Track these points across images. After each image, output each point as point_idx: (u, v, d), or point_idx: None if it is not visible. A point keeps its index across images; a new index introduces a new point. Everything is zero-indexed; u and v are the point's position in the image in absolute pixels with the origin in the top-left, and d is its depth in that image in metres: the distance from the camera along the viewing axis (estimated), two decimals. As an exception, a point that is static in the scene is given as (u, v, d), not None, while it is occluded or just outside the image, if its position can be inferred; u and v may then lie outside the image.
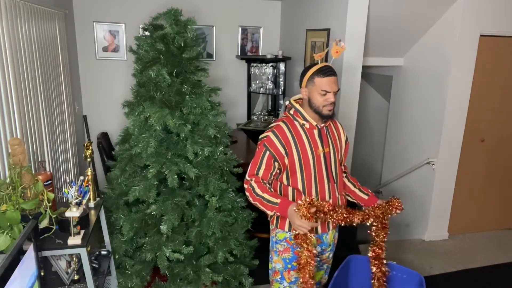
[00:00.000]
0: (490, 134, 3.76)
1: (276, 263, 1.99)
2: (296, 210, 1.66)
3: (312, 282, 1.72)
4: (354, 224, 1.79)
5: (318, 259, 2.03)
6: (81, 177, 1.89)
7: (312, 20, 3.78)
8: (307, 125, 1.88)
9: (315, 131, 1.89)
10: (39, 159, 2.64)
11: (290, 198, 1.91)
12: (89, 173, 2.12)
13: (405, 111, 4.06)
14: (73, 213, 1.71)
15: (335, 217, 1.73)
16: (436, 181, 3.66)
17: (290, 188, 1.90)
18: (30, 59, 2.61)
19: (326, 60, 2.35)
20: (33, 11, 2.70)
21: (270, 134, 1.85)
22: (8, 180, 1.78)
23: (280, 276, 1.98)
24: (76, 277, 2.03)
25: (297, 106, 1.91)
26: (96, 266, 2.16)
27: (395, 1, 3.21)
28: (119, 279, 2.39)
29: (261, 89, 4.53)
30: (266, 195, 1.79)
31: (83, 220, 1.85)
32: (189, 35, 2.40)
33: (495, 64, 3.56)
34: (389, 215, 1.89)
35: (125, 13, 4.17)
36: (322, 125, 1.91)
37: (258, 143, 1.90)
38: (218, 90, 2.49)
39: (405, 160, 4.07)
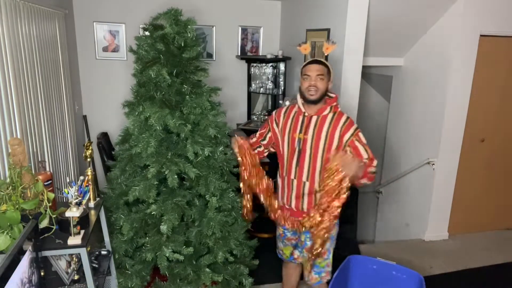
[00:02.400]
0: (490, 134, 3.76)
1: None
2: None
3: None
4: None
5: (291, 235, 2.30)
6: (81, 177, 1.89)
7: (312, 20, 3.78)
8: (298, 110, 2.16)
9: (300, 117, 2.14)
10: (39, 159, 2.64)
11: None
12: (89, 173, 2.11)
13: (405, 111, 4.06)
14: (73, 213, 1.71)
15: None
16: (436, 181, 3.66)
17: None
18: (30, 59, 2.61)
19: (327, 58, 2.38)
20: (33, 11, 2.70)
21: (274, 111, 2.33)
22: (8, 180, 1.78)
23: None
24: (76, 277, 2.03)
25: (298, 95, 2.17)
26: (96, 266, 2.16)
27: (395, 1, 3.21)
28: (119, 279, 2.39)
29: (261, 89, 4.53)
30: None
31: (83, 220, 1.85)
32: (189, 35, 2.40)
33: (495, 64, 3.56)
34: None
35: (125, 13, 4.17)
36: (313, 114, 2.09)
37: None
38: (218, 90, 2.49)
39: (405, 160, 4.07)
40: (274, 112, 2.31)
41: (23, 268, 1.42)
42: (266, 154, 2.37)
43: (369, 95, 5.04)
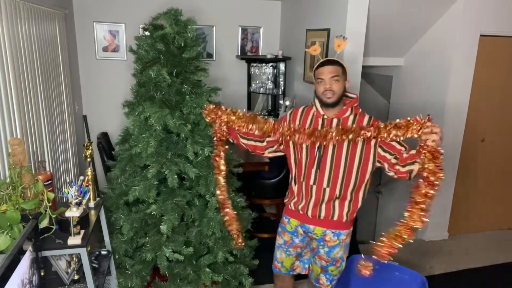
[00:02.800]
0: (490, 134, 3.76)
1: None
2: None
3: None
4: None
5: (299, 241, 2.16)
6: (81, 177, 1.89)
7: (312, 20, 3.78)
8: (316, 113, 2.03)
9: (320, 120, 2.00)
10: (39, 159, 2.64)
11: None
12: (89, 173, 2.11)
13: (405, 111, 4.06)
14: (73, 213, 1.71)
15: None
16: (436, 181, 3.66)
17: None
18: (30, 59, 2.61)
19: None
20: (33, 11, 2.70)
21: (288, 112, 2.15)
22: (8, 180, 1.78)
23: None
24: (76, 277, 2.03)
25: (314, 97, 2.05)
26: (96, 266, 2.16)
27: (395, 1, 3.21)
28: (119, 279, 2.39)
29: (261, 89, 4.53)
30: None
31: (83, 220, 1.85)
32: (189, 35, 2.40)
33: (495, 64, 3.56)
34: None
35: (125, 13, 4.17)
36: (332, 116, 1.97)
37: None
38: (218, 90, 2.49)
39: (405, 160, 4.06)
40: (289, 113, 2.13)
41: (23, 268, 1.42)
42: (267, 152, 2.16)
43: (369, 95, 5.03)
